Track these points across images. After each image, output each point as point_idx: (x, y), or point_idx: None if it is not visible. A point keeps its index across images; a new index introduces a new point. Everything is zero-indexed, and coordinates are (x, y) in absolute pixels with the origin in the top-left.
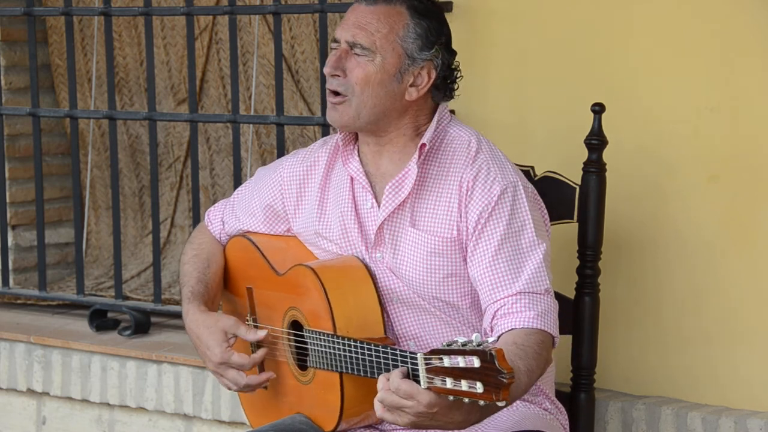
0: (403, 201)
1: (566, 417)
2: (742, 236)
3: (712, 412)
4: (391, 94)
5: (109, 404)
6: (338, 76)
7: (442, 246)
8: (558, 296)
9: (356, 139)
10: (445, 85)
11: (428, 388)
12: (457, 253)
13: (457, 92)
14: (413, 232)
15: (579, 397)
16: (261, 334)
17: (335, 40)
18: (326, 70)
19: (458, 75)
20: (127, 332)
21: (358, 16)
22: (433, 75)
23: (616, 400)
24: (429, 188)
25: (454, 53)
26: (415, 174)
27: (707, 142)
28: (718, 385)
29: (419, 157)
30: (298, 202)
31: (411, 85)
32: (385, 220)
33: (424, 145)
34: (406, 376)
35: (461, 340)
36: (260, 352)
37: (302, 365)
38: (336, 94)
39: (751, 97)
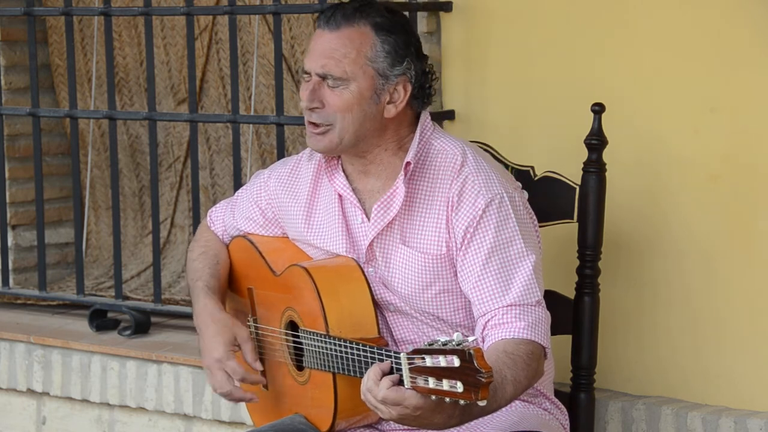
0: (392, 219)
1: (567, 417)
2: (742, 236)
3: (712, 412)
4: (370, 116)
5: (109, 404)
6: (317, 108)
7: (432, 263)
8: (558, 296)
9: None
10: (422, 93)
11: (412, 388)
12: (448, 269)
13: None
14: (404, 250)
15: (579, 397)
16: (258, 366)
17: (306, 72)
18: (303, 105)
19: (433, 78)
20: (127, 332)
21: (324, 45)
22: (409, 88)
23: (616, 400)
24: (417, 205)
25: (425, 58)
26: (403, 193)
27: (707, 142)
28: (718, 385)
29: (405, 175)
30: (286, 211)
31: (389, 103)
32: (375, 237)
33: (409, 163)
34: (395, 382)
35: (442, 339)
36: (256, 377)
37: (300, 365)
38: (317, 125)
39: (751, 97)
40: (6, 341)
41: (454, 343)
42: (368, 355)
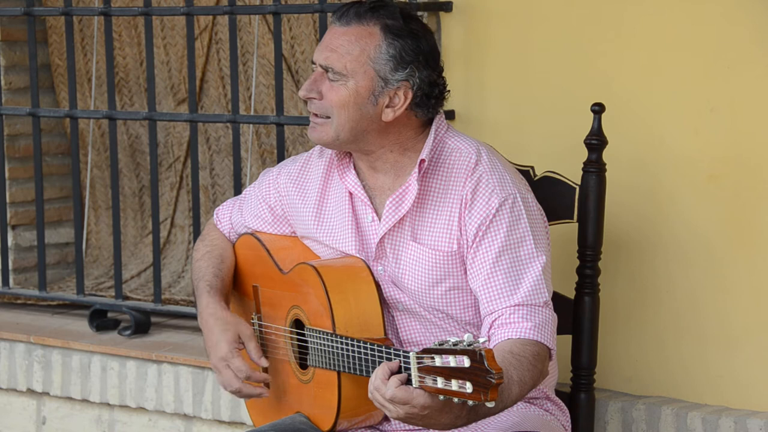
0: (404, 215)
1: (568, 417)
2: (742, 236)
3: (712, 412)
4: (367, 116)
5: (109, 404)
6: (314, 98)
7: (443, 260)
8: (558, 296)
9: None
10: (427, 102)
11: (420, 387)
12: (459, 267)
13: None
14: (415, 246)
15: (579, 397)
16: (263, 363)
17: (313, 62)
18: (301, 94)
19: (445, 90)
20: (127, 332)
21: (332, 38)
22: (410, 95)
23: (616, 400)
24: (430, 202)
25: (438, 68)
26: (416, 190)
27: (707, 142)
28: (719, 385)
29: (419, 172)
30: (295, 208)
31: (387, 107)
32: (386, 233)
33: (423, 161)
34: (403, 381)
35: (453, 339)
36: (262, 375)
37: (303, 364)
38: (316, 115)
39: (751, 97)
40: (6, 341)
41: (464, 343)
42: (376, 354)
